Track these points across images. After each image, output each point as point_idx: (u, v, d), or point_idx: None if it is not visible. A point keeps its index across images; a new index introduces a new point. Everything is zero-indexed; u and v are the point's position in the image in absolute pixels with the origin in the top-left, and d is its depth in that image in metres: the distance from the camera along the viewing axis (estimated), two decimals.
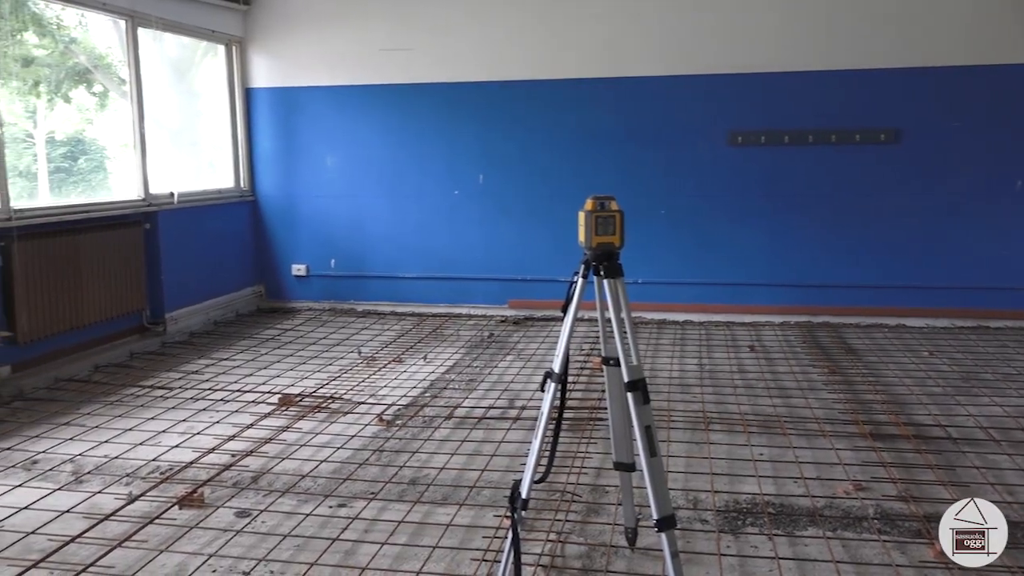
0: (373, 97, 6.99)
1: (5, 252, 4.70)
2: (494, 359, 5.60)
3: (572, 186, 6.63)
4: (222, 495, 3.41)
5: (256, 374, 5.24)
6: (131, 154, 6.07)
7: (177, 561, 2.86)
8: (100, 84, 6.56)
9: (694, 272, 6.63)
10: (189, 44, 6.90)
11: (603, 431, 4.10)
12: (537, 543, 2.94)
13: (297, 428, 4.23)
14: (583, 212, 2.44)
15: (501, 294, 6.96)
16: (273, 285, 7.41)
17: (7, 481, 3.54)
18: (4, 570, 2.79)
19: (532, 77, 6.69)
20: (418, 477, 3.59)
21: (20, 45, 5.80)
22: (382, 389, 4.90)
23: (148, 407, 4.58)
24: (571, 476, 3.55)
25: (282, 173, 7.27)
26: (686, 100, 6.49)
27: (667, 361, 5.47)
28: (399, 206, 7.05)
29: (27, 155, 6.01)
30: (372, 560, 2.85)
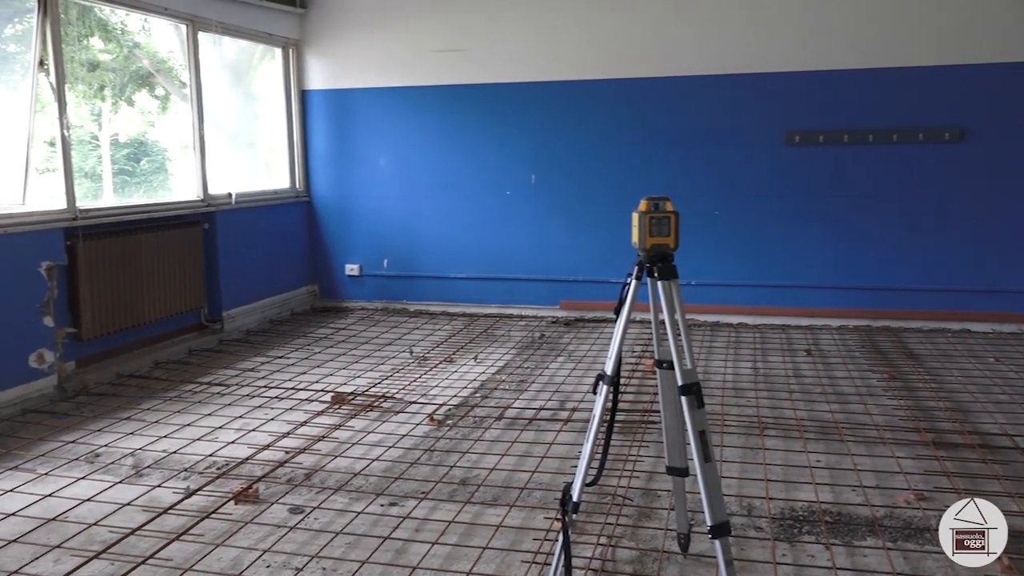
0: (425, 98, 7.03)
1: (71, 251, 4.84)
2: (545, 360, 5.58)
3: (625, 187, 6.58)
4: (276, 491, 3.46)
5: (310, 372, 5.31)
6: (191, 155, 6.21)
7: (232, 555, 2.91)
8: (162, 87, 6.72)
9: (749, 274, 6.52)
10: (247, 47, 7.03)
11: (655, 434, 4.05)
12: (588, 546, 2.92)
13: (349, 426, 4.27)
14: (637, 213, 2.41)
15: (552, 295, 6.94)
16: (327, 284, 7.51)
17: (71, 473, 3.65)
18: (68, 560, 2.87)
19: (585, 77, 6.66)
20: (468, 477, 3.59)
21: (86, 50, 5.97)
22: (433, 389, 4.93)
23: (205, 403, 4.67)
24: (622, 480, 3.51)
25: (336, 174, 7.36)
26: (742, 99, 6.38)
27: (721, 364, 5.38)
28: (451, 206, 7.08)
29: (92, 157, 6.18)
30: (423, 560, 2.85)
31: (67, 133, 4.89)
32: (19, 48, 5.05)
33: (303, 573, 2.78)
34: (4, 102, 5.02)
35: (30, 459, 3.81)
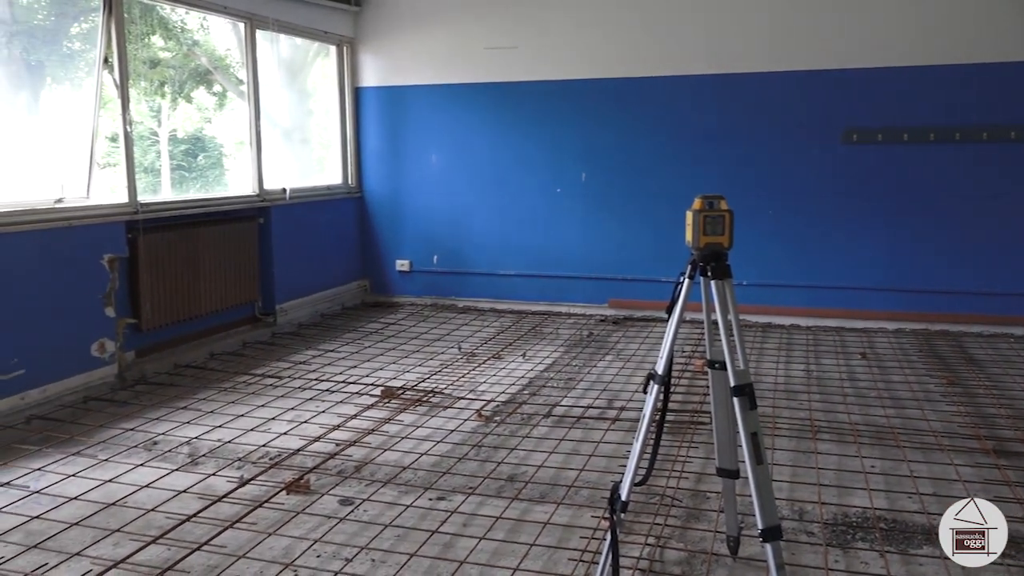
0: (477, 95, 7.06)
1: (132, 244, 4.97)
2: (593, 358, 5.56)
3: (676, 185, 6.52)
4: (327, 483, 3.51)
5: (360, 366, 5.38)
6: (246, 151, 6.32)
7: (284, 545, 2.96)
8: (219, 84, 6.86)
9: (802, 275, 6.40)
10: (302, 45, 7.13)
11: (704, 435, 4.01)
12: (635, 546, 2.90)
13: (399, 420, 4.31)
14: (691, 211, 2.39)
15: (601, 293, 6.91)
16: (377, 280, 7.59)
17: (130, 460, 3.75)
18: (127, 544, 2.95)
19: (638, 74, 6.61)
20: (516, 474, 3.60)
21: (148, 48, 6.12)
22: (481, 385, 4.95)
23: (259, 395, 4.77)
24: (671, 480, 3.49)
25: (388, 170, 7.43)
26: (798, 97, 6.27)
27: (772, 366, 5.30)
28: (501, 204, 7.10)
29: (151, 152, 6.35)
30: (470, 555, 2.87)
31: (129, 129, 5.02)
32: (84, 46, 5.20)
33: (352, 564, 2.82)
34: (70, 99, 5.17)
35: (91, 445, 3.93)
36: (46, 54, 5.07)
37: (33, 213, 4.41)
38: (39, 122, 4.93)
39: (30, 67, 4.90)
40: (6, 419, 4.16)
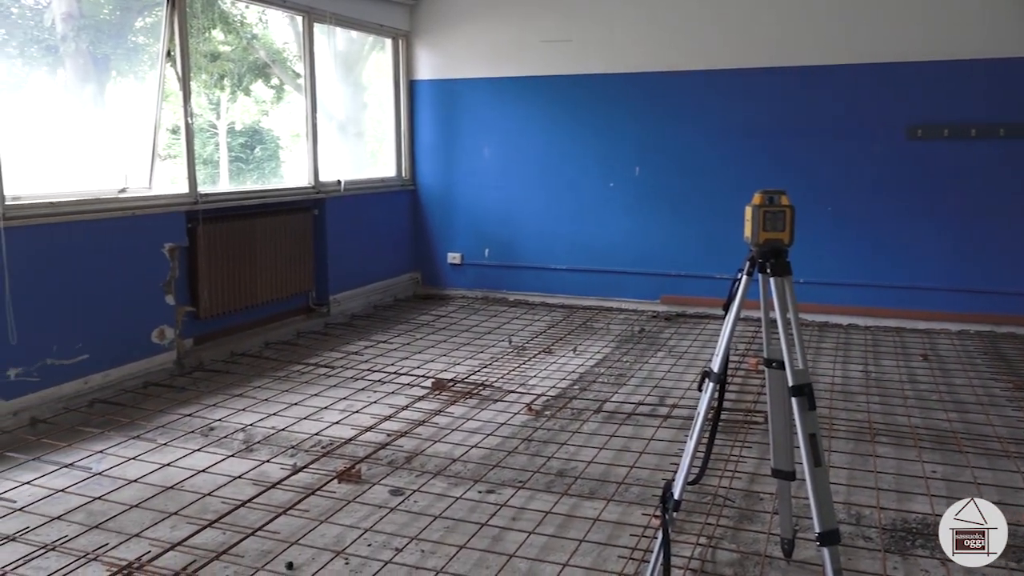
0: (531, 89, 7.03)
1: (192, 233, 5.08)
2: (644, 355, 5.51)
3: (731, 180, 6.42)
4: (378, 472, 3.54)
5: (411, 358, 5.41)
6: (302, 143, 6.40)
7: (336, 533, 2.99)
8: (276, 78, 6.96)
9: (861, 273, 6.24)
10: (357, 38, 7.19)
11: (758, 435, 3.95)
12: (687, 546, 2.86)
13: (449, 412, 4.33)
14: (750, 206, 2.34)
15: (653, 289, 6.84)
16: (429, 272, 7.63)
17: (187, 445, 3.83)
18: (184, 527, 3.02)
19: (694, 67, 6.52)
20: (566, 469, 3.59)
21: (208, 42, 6.23)
22: (531, 379, 4.94)
23: (312, 384, 4.83)
24: (723, 480, 3.43)
25: (441, 163, 7.46)
26: (860, 90, 6.10)
27: (829, 366, 5.19)
28: (553, 197, 7.07)
29: (210, 144, 6.47)
30: (519, 548, 2.87)
31: (190, 121, 5.12)
32: (147, 40, 5.32)
33: (402, 554, 2.83)
34: (133, 92, 5.30)
35: (151, 429, 4.02)
36: (111, 48, 5.20)
37: (98, 203, 4.53)
38: (104, 114, 5.06)
39: (96, 60, 5.03)
40: (70, 402, 4.28)
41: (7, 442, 3.82)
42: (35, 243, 4.10)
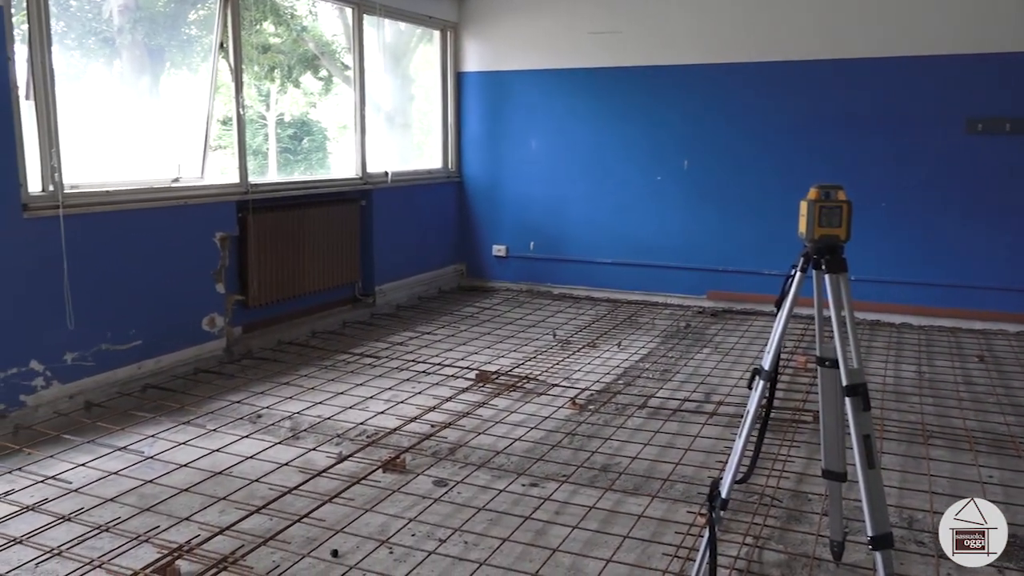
0: (579, 81, 6.99)
1: (242, 223, 5.15)
2: (690, 350, 5.45)
3: (782, 175, 6.30)
4: (422, 463, 3.56)
5: (456, 349, 5.43)
6: (349, 135, 6.45)
7: (380, 522, 3.01)
8: (325, 70, 7.02)
9: (915, 271, 6.09)
10: (405, 30, 7.22)
11: (806, 434, 3.88)
12: (733, 545, 2.82)
13: (493, 405, 4.33)
14: (805, 201, 2.29)
15: (700, 284, 6.76)
16: (474, 264, 7.64)
17: (236, 431, 3.89)
18: (232, 512, 3.06)
19: (743, 59, 6.41)
20: (610, 464, 3.56)
21: (259, 34, 6.31)
22: (575, 373, 4.91)
23: (357, 373, 4.87)
24: (771, 479, 3.38)
25: (488, 155, 7.45)
26: (918, 83, 5.94)
27: (880, 366, 5.07)
28: (599, 190, 7.02)
29: (259, 135, 6.55)
30: (563, 543, 2.85)
31: (242, 112, 5.19)
32: (200, 32, 5.40)
33: (446, 545, 2.84)
34: (187, 83, 5.39)
35: (200, 415, 4.10)
36: (166, 39, 5.29)
37: (152, 192, 4.61)
38: (158, 105, 5.16)
39: (151, 52, 5.12)
40: (124, 387, 4.38)
41: (63, 424, 3.92)
42: (91, 231, 4.19)
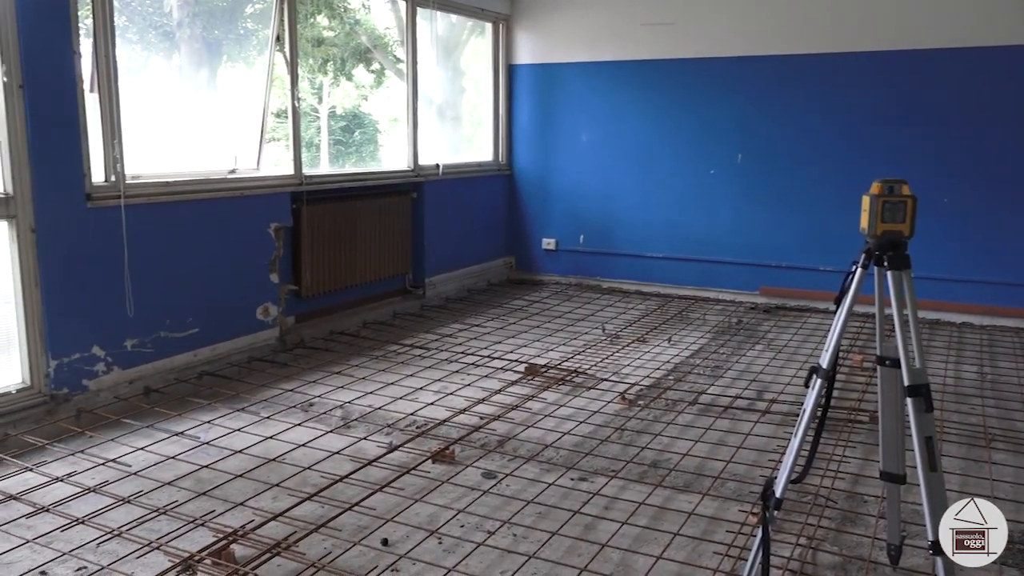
0: (631, 73, 6.92)
1: (296, 214, 5.22)
2: (742, 347, 5.37)
3: (838, 169, 6.17)
4: (471, 455, 3.57)
5: (505, 342, 5.43)
6: (401, 128, 6.48)
7: (429, 512, 3.03)
8: (377, 62, 7.07)
9: (979, 269, 5.90)
10: (457, 23, 7.22)
11: (862, 434, 3.79)
12: (786, 546, 2.78)
13: (542, 398, 4.32)
14: (868, 196, 2.24)
15: (752, 280, 6.66)
16: (523, 257, 7.63)
17: (288, 419, 3.95)
18: (285, 499, 3.11)
19: (800, 51, 6.27)
20: (659, 460, 3.53)
21: (313, 27, 6.38)
22: (625, 368, 4.88)
23: (407, 364, 4.91)
24: (825, 480, 3.31)
25: (538, 148, 7.43)
26: (983, 76, 5.74)
27: (940, 366, 4.94)
28: (650, 184, 6.95)
29: (312, 128, 6.63)
30: (612, 538, 2.84)
31: (298, 104, 5.25)
32: (256, 26, 5.47)
33: (495, 537, 2.85)
34: (243, 76, 5.47)
35: (254, 403, 4.17)
36: (224, 33, 5.38)
37: (209, 183, 4.70)
38: (216, 97, 5.25)
39: (209, 45, 5.21)
40: (181, 373, 4.48)
41: (123, 409, 4.03)
42: (151, 220, 4.29)
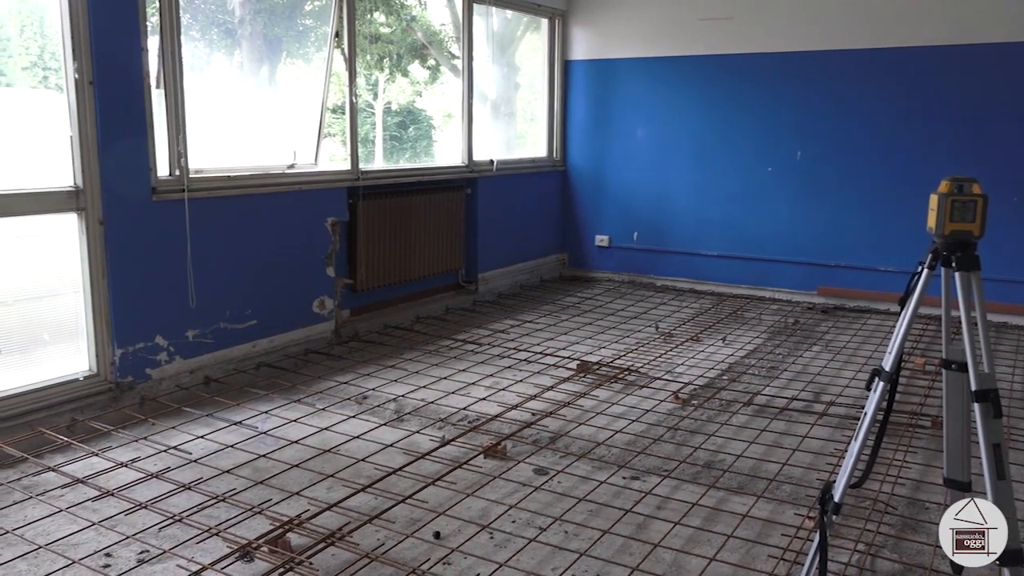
0: (688, 69, 6.84)
1: (352, 209, 5.28)
2: (798, 348, 5.28)
3: (900, 167, 6.01)
4: (522, 451, 3.57)
5: (557, 339, 5.42)
6: (455, 123, 6.51)
7: (481, 507, 3.05)
8: (432, 59, 7.12)
9: None
10: (512, 19, 7.22)
11: (924, 440, 3.70)
12: (844, 551, 2.72)
13: (594, 396, 4.31)
14: (936, 195, 2.17)
15: (810, 279, 6.53)
16: (576, 254, 7.61)
17: (343, 411, 4.01)
18: (339, 490, 3.16)
19: (860, 46, 6.12)
20: (713, 461, 3.49)
21: (370, 24, 6.44)
22: (678, 367, 4.83)
23: (460, 359, 4.93)
24: (885, 485, 3.23)
25: (592, 144, 7.39)
26: None
27: (1007, 371, 4.78)
28: (706, 181, 6.86)
29: (366, 123, 6.70)
30: (664, 539, 2.82)
31: (355, 100, 5.31)
32: (314, 23, 5.55)
33: (546, 534, 2.85)
34: (301, 72, 5.56)
35: (310, 394, 4.24)
36: (283, 30, 5.47)
37: (269, 177, 4.78)
38: (275, 93, 5.34)
39: (269, 42, 5.31)
40: (240, 364, 4.58)
41: (184, 397, 4.13)
42: (213, 213, 4.38)
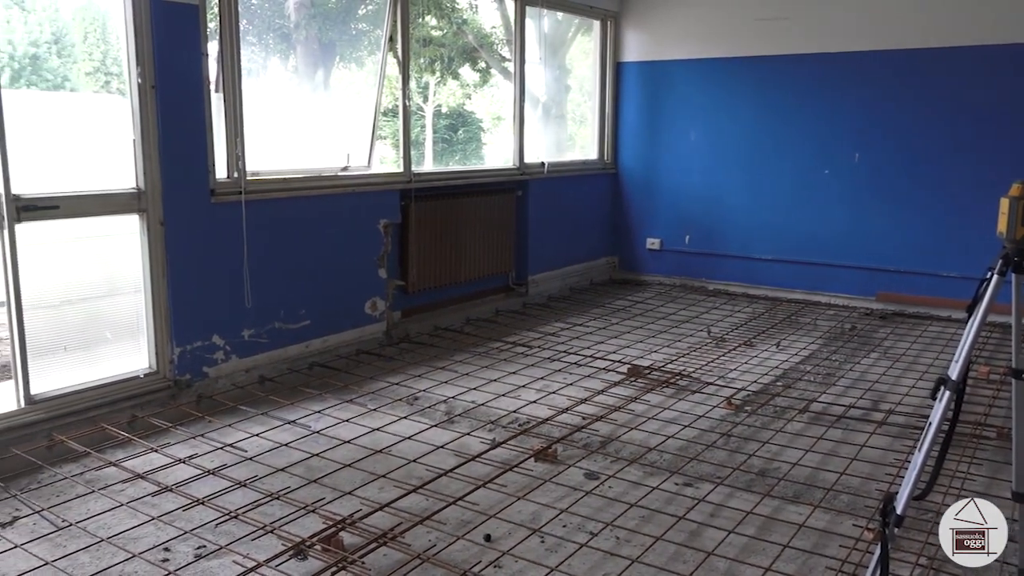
0: (743, 70, 6.74)
1: (404, 211, 5.32)
2: (856, 354, 5.16)
3: (963, 170, 5.85)
4: (573, 454, 3.55)
5: (607, 342, 5.39)
6: (505, 126, 6.51)
7: (531, 510, 3.04)
8: (483, 62, 7.14)
9: None
10: (563, 21, 7.20)
11: (989, 451, 3.58)
12: (905, 565, 2.65)
13: (645, 400, 4.27)
14: (1007, 198, 2.11)
15: (868, 284, 6.38)
16: (627, 257, 7.55)
17: (394, 412, 4.04)
18: (391, 490, 3.18)
19: (920, 45, 5.96)
20: (768, 469, 3.43)
21: (422, 27, 6.48)
22: (731, 372, 4.76)
23: (510, 362, 4.93)
24: (948, 497, 3.13)
25: (644, 147, 7.33)
26: None
27: None
28: (760, 184, 6.75)
29: (417, 126, 6.75)
30: (718, 547, 2.77)
31: (408, 104, 5.35)
32: (367, 27, 5.61)
33: (597, 539, 2.83)
34: (355, 76, 5.62)
35: (362, 395, 4.28)
36: (337, 35, 5.54)
37: (323, 179, 4.85)
38: (329, 97, 5.41)
39: (323, 47, 5.38)
40: (293, 363, 4.64)
41: (240, 396, 4.20)
42: (269, 215, 4.46)
